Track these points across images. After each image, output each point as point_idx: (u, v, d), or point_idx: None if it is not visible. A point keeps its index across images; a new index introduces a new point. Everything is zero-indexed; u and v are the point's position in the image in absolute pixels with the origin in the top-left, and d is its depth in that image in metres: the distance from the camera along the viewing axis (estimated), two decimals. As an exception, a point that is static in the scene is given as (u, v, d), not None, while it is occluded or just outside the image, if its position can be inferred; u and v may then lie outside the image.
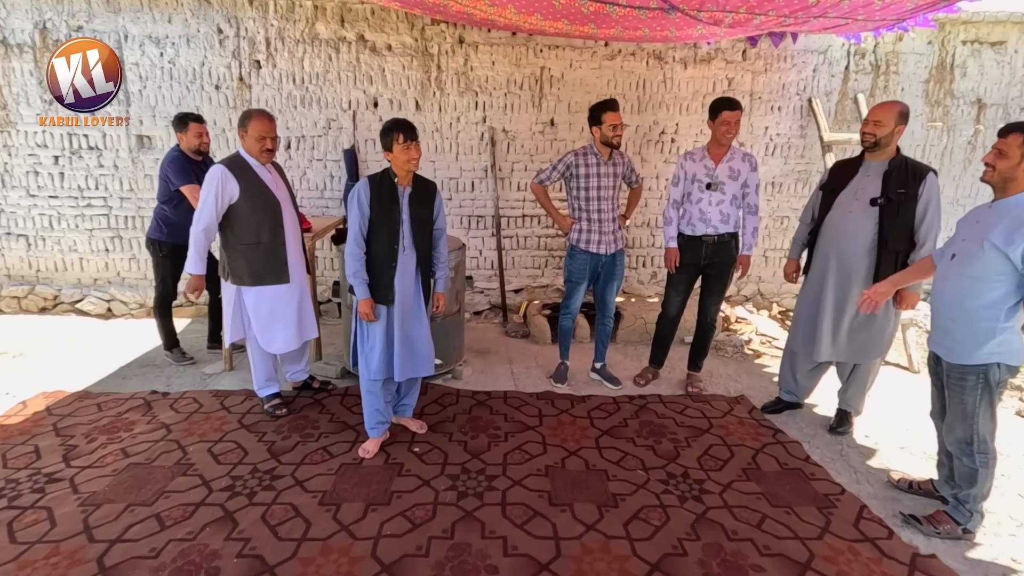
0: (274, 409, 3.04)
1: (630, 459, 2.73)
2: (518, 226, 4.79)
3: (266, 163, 2.83)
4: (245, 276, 2.84)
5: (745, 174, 3.19)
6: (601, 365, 3.63)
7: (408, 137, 2.47)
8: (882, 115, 2.62)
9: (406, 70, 4.41)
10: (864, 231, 2.71)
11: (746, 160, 3.20)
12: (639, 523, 2.26)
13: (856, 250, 2.74)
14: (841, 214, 2.79)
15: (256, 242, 2.81)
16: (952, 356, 2.11)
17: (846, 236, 2.76)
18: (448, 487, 2.45)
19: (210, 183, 2.70)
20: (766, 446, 2.88)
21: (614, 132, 3.14)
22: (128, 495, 2.33)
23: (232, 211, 2.76)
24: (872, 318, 2.76)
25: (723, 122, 3.08)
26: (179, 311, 4.43)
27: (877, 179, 2.69)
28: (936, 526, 2.21)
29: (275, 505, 2.30)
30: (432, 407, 3.20)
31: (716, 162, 3.18)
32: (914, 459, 2.80)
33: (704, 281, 3.39)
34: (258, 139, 2.74)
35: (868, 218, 2.70)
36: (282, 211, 2.86)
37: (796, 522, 2.29)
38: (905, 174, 2.62)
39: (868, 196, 2.70)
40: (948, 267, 2.15)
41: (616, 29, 3.47)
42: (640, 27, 3.32)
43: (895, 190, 2.62)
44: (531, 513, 2.29)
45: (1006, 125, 2.02)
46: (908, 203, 2.61)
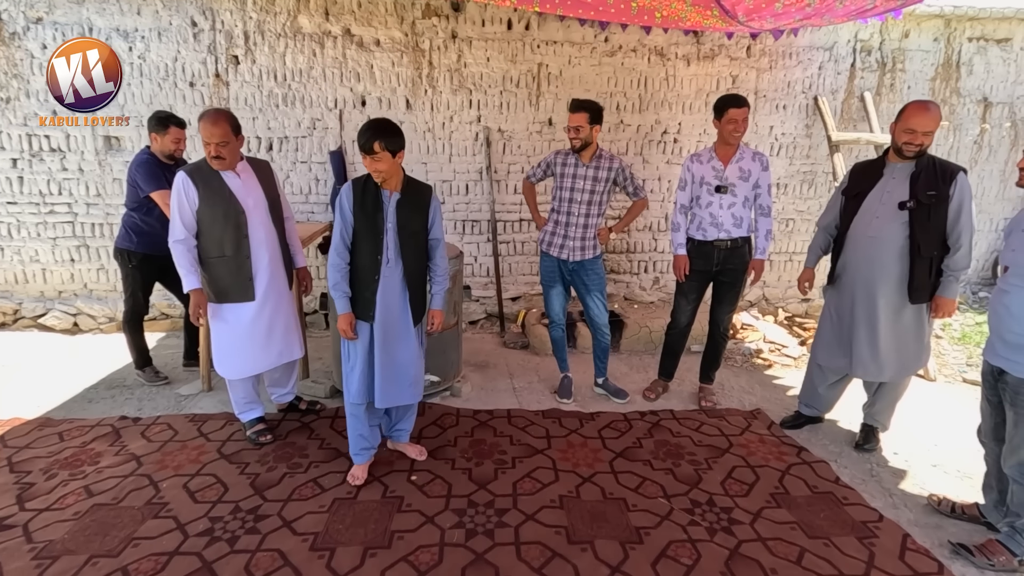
0: (257, 436, 2.77)
1: (649, 485, 2.52)
2: (515, 231, 4.56)
3: (222, 169, 2.52)
4: (209, 292, 2.58)
5: (756, 174, 3.00)
6: (603, 380, 3.43)
7: (365, 150, 2.17)
8: (932, 124, 2.43)
9: (396, 67, 4.16)
10: (894, 237, 2.54)
11: (757, 159, 3.02)
12: (668, 563, 2.04)
13: (887, 258, 2.57)
14: (868, 220, 2.62)
15: (219, 255, 2.54)
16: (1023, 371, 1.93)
17: (875, 243, 2.59)
18: (455, 524, 2.21)
19: (173, 192, 2.48)
20: (792, 467, 2.69)
21: (569, 134, 3.00)
22: (91, 544, 2.05)
23: (197, 221, 2.51)
24: (907, 330, 2.61)
25: (730, 120, 2.89)
26: (151, 325, 4.12)
27: (904, 181, 2.52)
28: (990, 557, 2.03)
29: (260, 552, 2.03)
30: (431, 429, 2.95)
31: (725, 163, 3.00)
32: (948, 478, 2.64)
33: (716, 289, 3.20)
34: (203, 145, 2.46)
35: (897, 223, 2.53)
36: (246, 220, 2.55)
37: (837, 556, 2.09)
38: (934, 174, 2.46)
39: (896, 200, 2.53)
40: (1004, 280, 1.99)
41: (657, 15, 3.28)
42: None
43: (924, 192, 2.46)
44: (549, 554, 2.06)
45: None
46: (939, 205, 2.45)
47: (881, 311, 2.61)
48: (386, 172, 2.25)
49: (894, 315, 2.61)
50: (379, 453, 2.67)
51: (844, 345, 2.76)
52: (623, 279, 4.76)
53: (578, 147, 3.03)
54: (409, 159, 4.33)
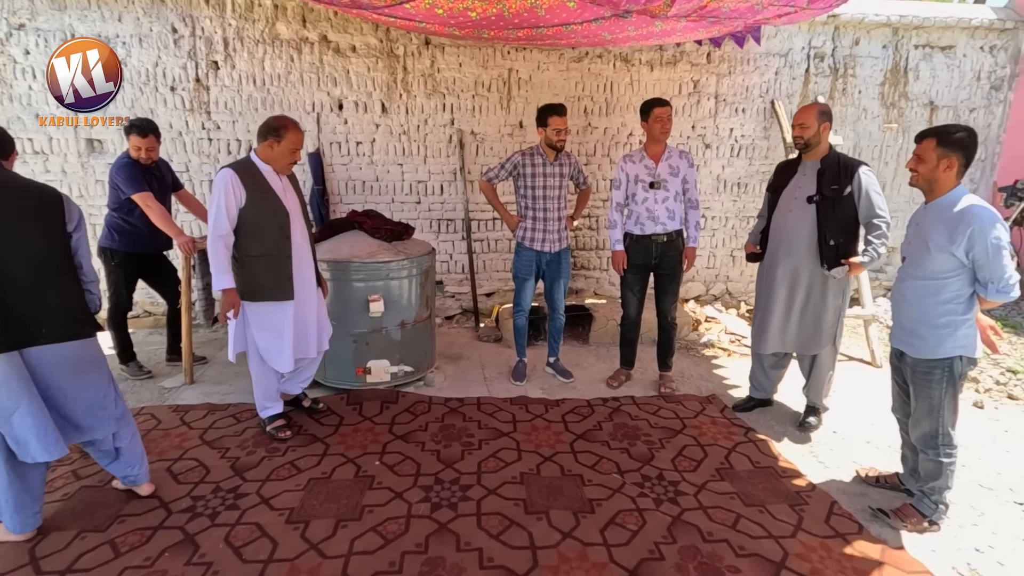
0: (277, 431, 2.85)
1: (605, 463, 2.71)
2: (488, 229, 4.75)
3: (286, 174, 2.75)
4: (247, 290, 2.67)
5: (684, 170, 3.29)
6: (555, 359, 3.72)
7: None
8: (805, 118, 2.76)
9: (371, 71, 4.32)
10: (804, 228, 2.82)
11: (683, 157, 3.30)
12: (616, 528, 2.24)
13: (799, 246, 2.85)
14: (783, 213, 2.92)
15: (261, 254, 2.65)
16: (919, 352, 2.17)
17: (789, 233, 2.88)
18: (421, 499, 2.39)
19: (220, 187, 2.53)
20: (738, 445, 2.91)
21: (557, 136, 3.25)
22: (79, 521, 2.20)
23: (238, 220, 2.60)
24: (819, 311, 2.88)
25: (656, 119, 3.17)
26: (135, 322, 4.24)
27: (812, 177, 2.81)
28: (903, 519, 2.25)
29: (239, 525, 2.20)
30: (404, 416, 3.12)
31: (656, 161, 3.26)
32: (880, 452, 2.87)
33: (657, 280, 3.44)
34: (292, 151, 2.67)
35: (807, 215, 2.81)
36: (290, 221, 2.71)
37: (770, 521, 2.30)
38: (837, 171, 2.75)
39: (805, 194, 2.82)
40: (902, 269, 2.23)
41: (576, 38, 3.48)
42: (600, 32, 3.32)
43: (828, 187, 2.74)
44: (507, 523, 2.25)
45: (920, 131, 2.14)
46: (842, 199, 2.72)
47: (797, 294, 2.90)
48: None
49: (804, 298, 2.89)
50: (352, 436, 2.85)
51: (763, 325, 3.05)
52: (593, 275, 4.97)
53: (562, 147, 3.31)
54: (385, 160, 4.50)
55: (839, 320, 2.94)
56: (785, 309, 2.95)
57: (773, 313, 2.98)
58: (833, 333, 2.93)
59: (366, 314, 3.22)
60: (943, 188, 2.08)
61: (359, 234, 3.40)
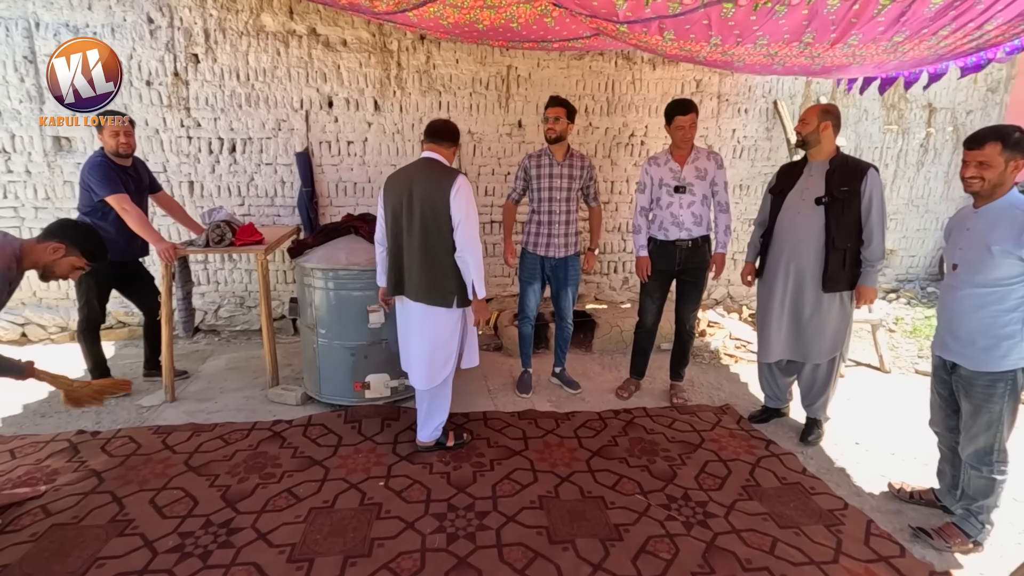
0: (459, 439, 2.84)
1: (626, 482, 2.55)
2: (486, 233, 4.56)
3: None
4: (465, 295, 2.70)
5: (712, 172, 3.13)
6: (560, 370, 3.56)
7: None
8: (806, 114, 2.73)
9: (363, 67, 4.10)
10: (813, 231, 2.72)
11: (711, 158, 3.15)
12: (648, 558, 2.07)
13: (806, 250, 2.75)
14: (790, 215, 2.81)
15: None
16: (980, 364, 2.04)
17: (795, 236, 2.78)
18: (435, 529, 2.20)
19: (472, 196, 2.61)
20: (761, 459, 2.78)
21: (547, 124, 3.11)
22: (51, 566, 1.95)
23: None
24: (825, 320, 2.78)
25: (678, 127, 3.04)
26: (108, 334, 3.94)
27: (820, 178, 2.72)
28: (947, 540, 2.14)
29: (235, 567, 1.97)
30: (407, 434, 2.92)
31: (681, 164, 3.12)
32: (907, 465, 2.77)
33: (679, 287, 3.30)
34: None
35: (815, 217, 2.71)
36: None
37: (808, 544, 2.17)
38: (846, 171, 2.67)
39: (813, 196, 2.72)
40: (954, 277, 2.10)
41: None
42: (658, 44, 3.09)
43: (838, 188, 2.65)
44: (531, 554, 2.07)
45: (974, 135, 2.00)
46: (852, 200, 2.64)
47: (802, 301, 2.80)
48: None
49: (813, 305, 2.79)
50: (354, 458, 2.64)
51: (766, 332, 2.95)
52: (594, 279, 4.82)
53: (553, 138, 3.11)
54: (378, 161, 4.28)
55: (847, 328, 2.83)
56: (791, 315, 2.85)
57: (775, 318, 2.88)
58: (840, 340, 2.82)
59: (365, 325, 3.01)
60: (1006, 188, 1.98)
61: (356, 239, 3.18)
